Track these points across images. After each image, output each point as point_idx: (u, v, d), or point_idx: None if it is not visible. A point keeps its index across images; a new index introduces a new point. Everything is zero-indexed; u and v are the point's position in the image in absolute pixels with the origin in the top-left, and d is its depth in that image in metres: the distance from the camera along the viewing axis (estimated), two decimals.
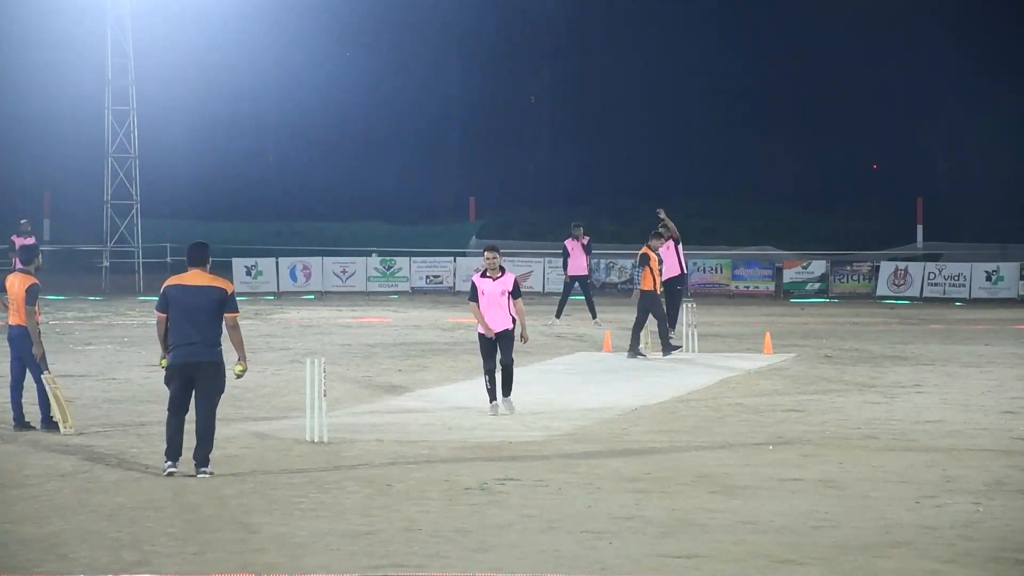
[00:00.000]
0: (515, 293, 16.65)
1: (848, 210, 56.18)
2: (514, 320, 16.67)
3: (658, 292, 23.28)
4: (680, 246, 25.34)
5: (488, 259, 16.66)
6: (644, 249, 23.39)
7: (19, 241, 33.27)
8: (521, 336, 16.64)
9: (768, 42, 61.13)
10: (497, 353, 16.60)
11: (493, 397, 16.70)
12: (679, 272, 25.20)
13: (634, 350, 23.00)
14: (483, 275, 16.75)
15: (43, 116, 54.97)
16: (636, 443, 14.69)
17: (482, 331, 16.65)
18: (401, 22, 62.44)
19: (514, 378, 16.80)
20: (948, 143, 58.78)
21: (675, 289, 24.97)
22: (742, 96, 61.95)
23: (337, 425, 15.43)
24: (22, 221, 35.15)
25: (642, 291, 23.13)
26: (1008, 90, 55.31)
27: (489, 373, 16.69)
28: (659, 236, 23.83)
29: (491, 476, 12.76)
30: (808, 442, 14.67)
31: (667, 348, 23.14)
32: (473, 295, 16.73)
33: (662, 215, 25.23)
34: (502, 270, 16.70)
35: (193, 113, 57.20)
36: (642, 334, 23.26)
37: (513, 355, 16.74)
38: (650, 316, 23.17)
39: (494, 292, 16.58)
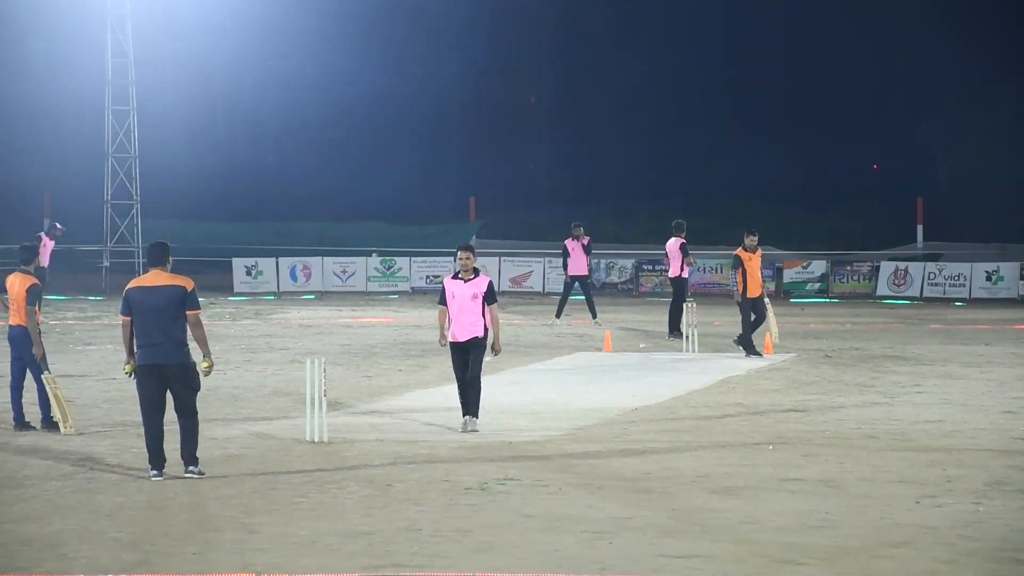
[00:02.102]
0: (489, 298, 15.41)
1: (848, 210, 56.13)
2: (486, 329, 15.44)
3: (748, 295, 23.06)
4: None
5: (461, 260, 15.41)
6: (738, 251, 23.24)
7: (45, 240, 32.20)
8: (492, 347, 15.47)
9: (768, 42, 61.10)
10: (467, 365, 15.41)
11: (466, 411, 15.49)
12: (678, 274, 26.79)
13: (751, 350, 22.75)
14: (455, 276, 15.53)
15: (43, 116, 54.90)
16: (636, 443, 14.68)
17: (442, 339, 15.65)
18: (401, 22, 62.41)
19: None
20: (948, 142, 58.72)
21: (681, 289, 26.59)
22: (742, 96, 61.89)
23: (337, 425, 15.43)
24: (59, 227, 33.69)
25: (741, 294, 23.00)
26: (1008, 90, 55.27)
27: (460, 385, 15.55)
28: (752, 234, 23.39)
29: (491, 476, 12.76)
30: (808, 442, 14.66)
31: (750, 349, 22.84)
32: (442, 298, 15.52)
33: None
34: (476, 272, 15.51)
35: (193, 113, 57.16)
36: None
37: (481, 369, 15.54)
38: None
39: (465, 296, 15.32)
